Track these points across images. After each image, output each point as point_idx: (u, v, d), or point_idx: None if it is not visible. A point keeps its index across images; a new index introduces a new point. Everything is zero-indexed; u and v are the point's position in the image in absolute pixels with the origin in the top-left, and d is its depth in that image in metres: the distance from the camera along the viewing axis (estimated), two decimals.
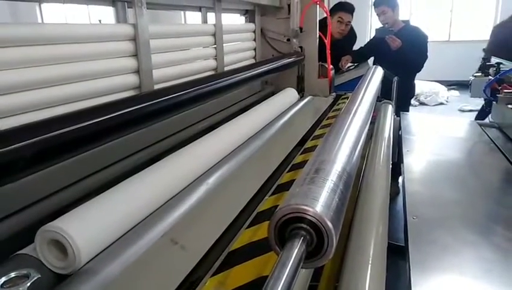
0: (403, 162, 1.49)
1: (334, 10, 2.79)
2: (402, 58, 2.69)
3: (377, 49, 2.90)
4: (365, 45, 3.17)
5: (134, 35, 1.08)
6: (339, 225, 0.47)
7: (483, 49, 2.79)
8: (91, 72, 0.98)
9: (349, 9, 2.82)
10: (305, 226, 0.44)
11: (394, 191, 1.79)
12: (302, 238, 0.44)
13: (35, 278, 0.36)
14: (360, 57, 3.06)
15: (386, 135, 1.53)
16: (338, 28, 2.76)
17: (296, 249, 0.43)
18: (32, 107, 0.84)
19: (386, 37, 2.73)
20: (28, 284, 0.35)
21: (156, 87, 1.17)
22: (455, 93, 6.52)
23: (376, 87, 1.38)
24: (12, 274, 0.35)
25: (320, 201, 0.46)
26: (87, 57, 0.97)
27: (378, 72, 1.72)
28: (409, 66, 2.78)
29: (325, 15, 2.35)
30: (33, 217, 0.78)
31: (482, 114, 3.49)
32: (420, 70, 2.92)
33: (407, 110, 2.95)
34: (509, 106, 1.86)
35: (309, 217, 0.44)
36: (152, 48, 1.15)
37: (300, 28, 2.11)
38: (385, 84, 2.34)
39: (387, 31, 2.78)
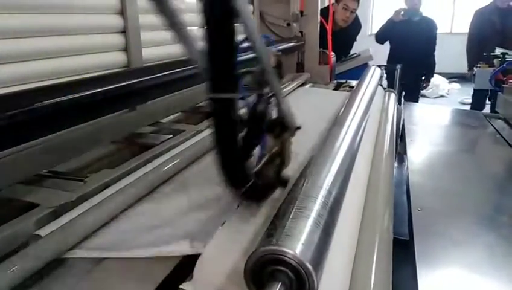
0: (406, 153, 1.44)
1: None
2: (428, 36, 3.22)
3: (402, 29, 3.19)
4: (384, 27, 3.34)
5: (121, 9, 1.00)
6: (322, 262, 0.44)
7: None
8: (75, 48, 0.90)
9: None
10: (283, 269, 0.41)
11: None
12: (280, 283, 0.40)
13: None
14: (380, 39, 3.36)
15: (390, 124, 1.47)
16: (343, 15, 2.68)
17: None
18: (11, 82, 0.77)
19: None
20: None
21: None
22: (456, 86, 6.45)
23: (369, 96, 1.31)
24: None
25: (301, 239, 0.42)
26: (70, 30, 0.89)
27: (375, 76, 1.65)
28: (432, 45, 3.30)
29: (327, 3, 2.27)
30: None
31: (476, 106, 3.52)
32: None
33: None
34: None
35: (288, 260, 0.40)
36: (142, 25, 1.07)
37: (301, 12, 2.02)
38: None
39: (414, 13, 3.18)
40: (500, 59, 2.40)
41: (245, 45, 0.55)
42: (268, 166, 0.69)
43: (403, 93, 3.40)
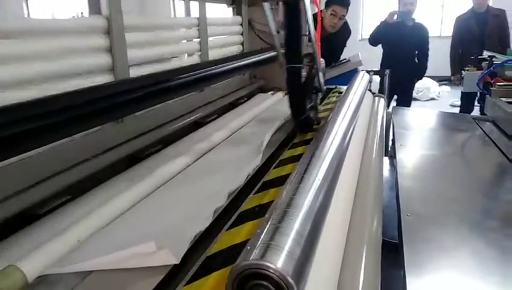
0: (395, 157, 1.44)
1: (329, 3, 2.74)
2: (422, 39, 3.37)
3: (396, 33, 3.26)
4: (377, 29, 3.37)
5: (107, 28, 0.99)
6: (305, 274, 0.44)
7: None
8: (61, 70, 0.89)
9: (344, 3, 2.76)
10: (265, 283, 0.41)
11: None
12: None
13: None
14: (373, 41, 3.41)
15: (379, 128, 1.48)
16: (331, 21, 2.70)
17: None
18: None
19: None
20: None
21: None
22: (446, 88, 6.52)
23: (357, 101, 1.33)
24: None
25: (283, 252, 0.42)
26: (55, 53, 0.88)
27: (363, 81, 1.66)
28: (426, 49, 3.42)
29: (316, 10, 2.28)
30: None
31: (465, 109, 3.58)
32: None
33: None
34: (503, 99, 1.81)
35: (269, 274, 0.41)
36: (128, 43, 1.06)
37: None
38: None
39: (408, 16, 3.27)
40: (487, 62, 2.43)
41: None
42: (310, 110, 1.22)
43: (395, 97, 3.44)
